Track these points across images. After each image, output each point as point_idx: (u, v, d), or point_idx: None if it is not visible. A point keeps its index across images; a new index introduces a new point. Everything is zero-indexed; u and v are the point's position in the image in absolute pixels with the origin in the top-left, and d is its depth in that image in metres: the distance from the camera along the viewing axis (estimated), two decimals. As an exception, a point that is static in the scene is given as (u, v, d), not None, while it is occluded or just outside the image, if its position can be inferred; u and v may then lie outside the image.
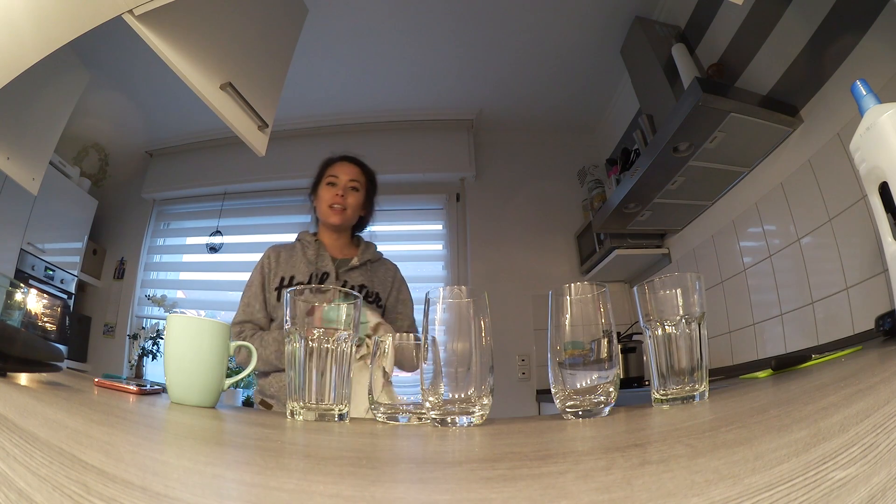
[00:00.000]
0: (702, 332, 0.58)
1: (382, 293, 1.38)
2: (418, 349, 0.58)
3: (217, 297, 3.05)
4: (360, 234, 1.49)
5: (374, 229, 3.11)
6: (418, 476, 0.28)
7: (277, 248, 1.39)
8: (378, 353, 0.67)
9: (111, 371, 2.81)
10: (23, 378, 0.56)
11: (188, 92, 1.13)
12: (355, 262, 1.37)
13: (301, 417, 0.59)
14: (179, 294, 3.12)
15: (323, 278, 1.32)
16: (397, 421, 0.64)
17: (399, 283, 1.43)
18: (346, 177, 1.39)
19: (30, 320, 2.38)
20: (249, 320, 1.30)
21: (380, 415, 0.66)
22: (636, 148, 2.16)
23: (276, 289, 1.31)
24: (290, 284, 1.30)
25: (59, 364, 0.60)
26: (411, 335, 0.72)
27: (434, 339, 0.57)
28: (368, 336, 1.08)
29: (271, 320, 1.31)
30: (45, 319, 2.48)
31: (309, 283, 1.30)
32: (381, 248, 1.49)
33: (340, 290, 0.65)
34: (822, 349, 0.88)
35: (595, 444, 0.37)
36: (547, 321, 0.59)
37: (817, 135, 1.46)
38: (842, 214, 1.34)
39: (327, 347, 0.60)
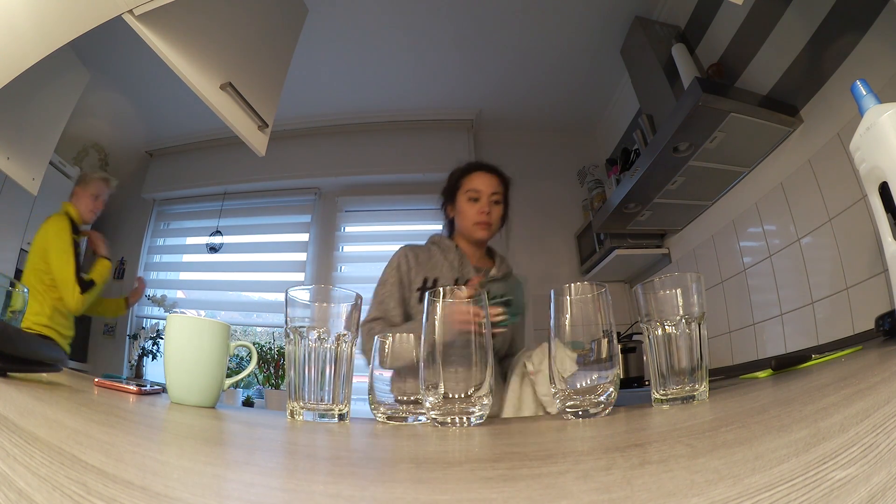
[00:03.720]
0: (702, 332, 0.58)
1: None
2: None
3: (217, 297, 3.05)
4: (492, 247, 1.44)
5: (373, 229, 3.11)
6: (418, 476, 0.28)
7: (413, 249, 1.34)
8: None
9: (111, 371, 2.80)
10: (23, 378, 0.56)
11: (188, 92, 1.13)
12: (495, 272, 1.34)
13: (301, 417, 0.59)
14: (179, 294, 3.12)
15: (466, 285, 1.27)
16: (405, 421, 0.64)
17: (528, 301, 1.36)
18: (488, 190, 1.34)
19: (30, 320, 2.38)
20: (382, 317, 1.24)
21: (380, 415, 0.66)
22: (636, 148, 2.16)
23: (418, 289, 1.27)
24: (434, 286, 1.26)
25: (59, 364, 0.60)
26: (411, 336, 0.72)
27: (434, 339, 0.57)
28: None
29: (407, 320, 1.27)
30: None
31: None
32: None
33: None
34: (822, 349, 0.88)
35: (595, 444, 0.37)
36: (547, 321, 0.59)
37: (817, 135, 1.46)
38: (842, 214, 1.34)
39: (327, 347, 0.60)
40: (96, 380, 0.77)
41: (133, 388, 0.73)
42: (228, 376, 0.74)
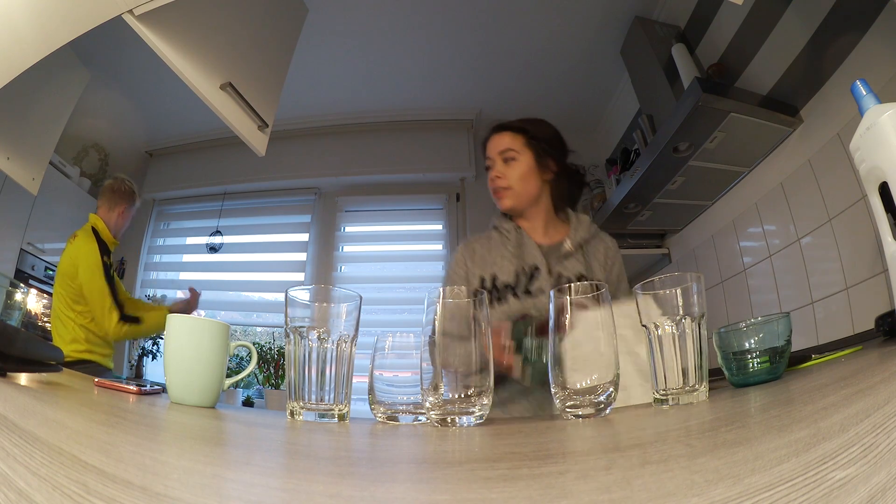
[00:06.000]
0: (702, 332, 0.58)
1: (602, 280, 1.14)
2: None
3: (217, 297, 3.05)
4: (571, 209, 1.22)
5: (373, 229, 3.10)
6: (418, 476, 0.28)
7: (471, 244, 1.16)
8: None
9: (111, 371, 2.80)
10: (23, 378, 0.56)
11: (188, 92, 1.13)
12: (568, 246, 1.12)
13: (301, 417, 0.58)
14: (179, 294, 3.12)
15: (533, 274, 1.08)
16: (398, 421, 0.64)
17: (613, 259, 1.16)
18: (496, 150, 1.17)
19: (30, 320, 2.38)
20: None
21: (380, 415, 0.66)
22: (636, 148, 2.16)
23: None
24: (493, 286, 1.08)
25: (59, 364, 0.60)
26: (410, 334, 0.72)
27: (434, 340, 0.57)
28: None
29: None
30: (45, 319, 2.47)
31: (516, 282, 1.07)
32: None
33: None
34: (822, 349, 0.88)
35: (595, 444, 0.37)
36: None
37: (817, 135, 1.46)
38: (842, 214, 1.34)
39: (327, 347, 0.60)
40: (96, 380, 0.77)
41: (133, 388, 0.73)
42: (228, 376, 0.74)
